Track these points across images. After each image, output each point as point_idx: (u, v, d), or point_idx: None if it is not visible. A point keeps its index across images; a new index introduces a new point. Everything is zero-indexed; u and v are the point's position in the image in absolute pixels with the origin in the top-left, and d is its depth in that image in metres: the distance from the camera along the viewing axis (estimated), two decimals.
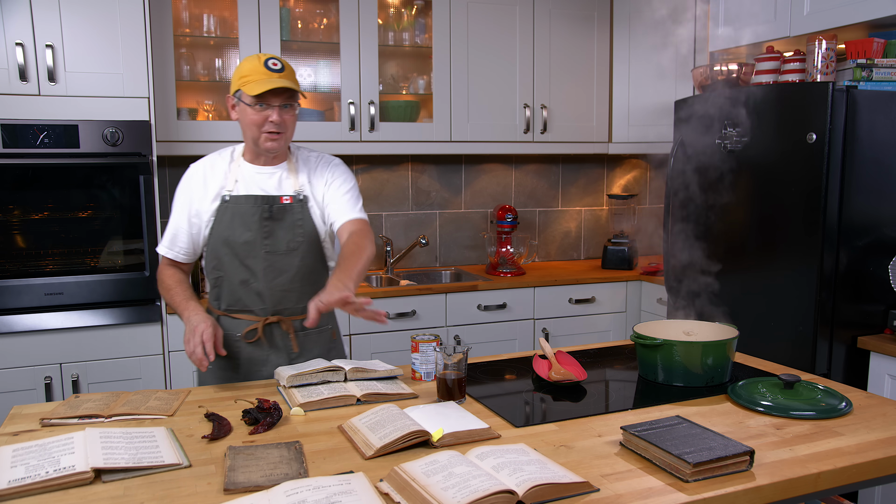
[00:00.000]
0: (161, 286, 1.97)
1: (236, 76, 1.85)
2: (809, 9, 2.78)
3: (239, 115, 1.88)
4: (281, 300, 1.94)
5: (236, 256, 1.91)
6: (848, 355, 2.53)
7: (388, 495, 1.17)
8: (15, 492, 1.18)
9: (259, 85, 1.79)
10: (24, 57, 2.54)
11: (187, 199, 1.93)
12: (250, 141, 1.90)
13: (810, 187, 2.48)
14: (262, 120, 1.83)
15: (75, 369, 2.69)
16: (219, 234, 1.91)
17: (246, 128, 1.87)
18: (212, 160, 1.96)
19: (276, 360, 1.97)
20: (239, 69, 1.85)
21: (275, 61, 1.83)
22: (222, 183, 1.92)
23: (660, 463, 1.29)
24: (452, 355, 1.64)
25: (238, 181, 1.92)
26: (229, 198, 1.90)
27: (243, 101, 1.84)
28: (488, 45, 3.48)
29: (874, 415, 1.55)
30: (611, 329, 3.58)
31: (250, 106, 1.83)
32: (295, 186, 1.94)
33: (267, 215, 1.90)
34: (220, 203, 1.90)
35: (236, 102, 1.87)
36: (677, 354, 1.75)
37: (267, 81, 1.79)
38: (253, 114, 1.83)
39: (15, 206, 2.64)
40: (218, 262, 1.93)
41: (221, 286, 1.95)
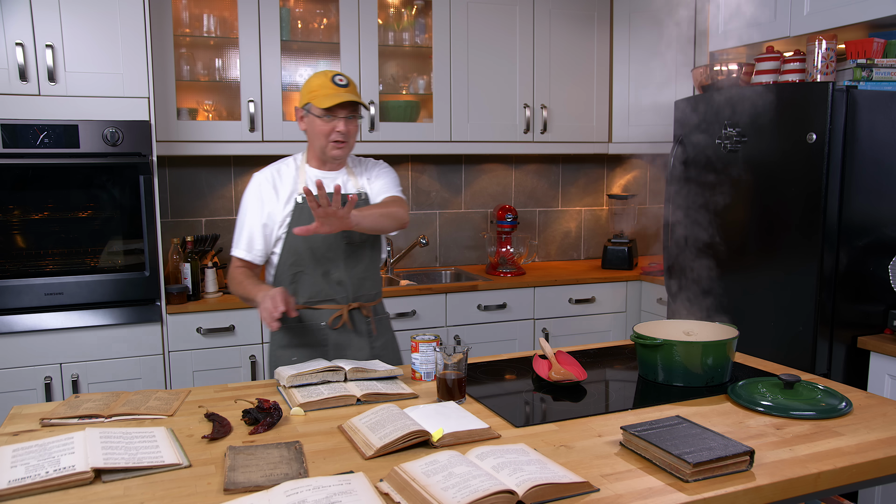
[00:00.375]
0: (234, 283, 2.09)
1: (305, 91, 2.04)
2: (809, 9, 2.78)
3: (307, 126, 2.08)
4: (359, 287, 2.13)
5: (316, 251, 2.06)
6: (848, 355, 2.53)
7: (388, 495, 1.17)
8: (15, 492, 1.18)
9: (328, 99, 1.98)
10: (24, 57, 2.54)
11: (259, 205, 2.07)
12: (318, 149, 2.08)
13: (810, 187, 2.48)
14: (329, 130, 2.02)
15: (75, 369, 2.69)
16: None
17: (314, 137, 2.06)
18: (277, 168, 2.12)
19: (358, 343, 2.13)
20: (308, 84, 2.04)
21: (341, 77, 2.03)
22: (292, 187, 2.08)
23: (660, 463, 1.29)
24: (452, 355, 1.64)
25: (308, 184, 2.07)
26: (302, 200, 2.06)
27: (312, 113, 2.03)
28: (488, 45, 3.48)
29: (874, 415, 1.55)
30: (611, 329, 3.58)
31: (319, 118, 2.02)
32: (357, 186, 2.16)
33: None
34: (294, 206, 2.06)
35: (305, 114, 2.06)
36: (677, 354, 1.75)
37: (335, 96, 1.98)
38: (321, 125, 2.02)
39: (15, 206, 2.64)
40: (297, 258, 2.07)
41: (300, 281, 2.09)
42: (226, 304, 2.91)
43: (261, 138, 3.14)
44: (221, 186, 3.44)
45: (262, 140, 3.14)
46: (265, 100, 3.12)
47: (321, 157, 2.09)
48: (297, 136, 3.21)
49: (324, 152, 2.07)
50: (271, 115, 3.14)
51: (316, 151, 2.10)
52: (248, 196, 2.09)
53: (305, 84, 2.06)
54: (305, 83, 2.06)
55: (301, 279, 2.09)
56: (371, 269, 2.16)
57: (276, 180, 2.08)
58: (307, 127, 2.07)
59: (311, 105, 2.02)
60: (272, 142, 3.16)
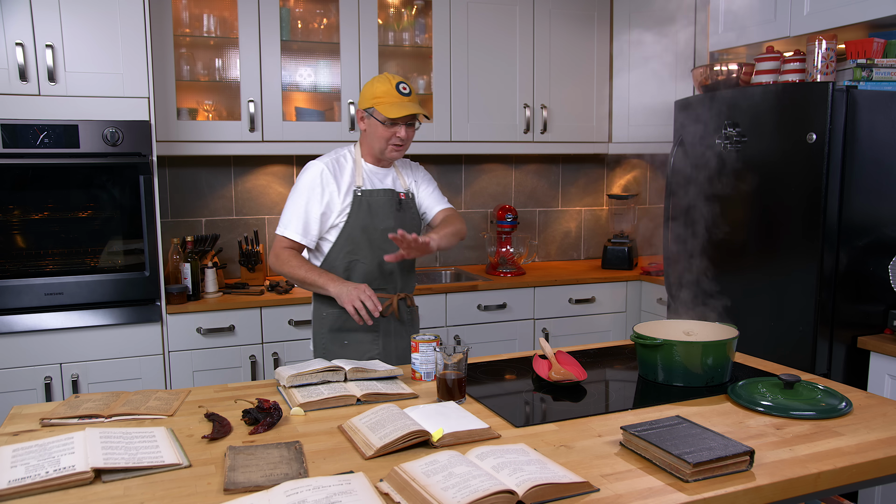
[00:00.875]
0: (284, 263, 2.15)
1: (369, 95, 2.13)
2: (809, 9, 2.78)
3: (367, 128, 2.17)
4: (406, 279, 2.30)
5: (374, 242, 2.18)
6: (848, 355, 2.53)
7: (388, 495, 1.17)
8: (15, 492, 1.18)
9: (395, 109, 2.08)
10: (24, 57, 2.54)
11: (320, 191, 2.15)
12: (376, 150, 2.19)
13: (810, 187, 2.48)
14: (391, 136, 2.14)
15: (75, 369, 2.69)
16: (357, 223, 2.17)
17: (374, 140, 2.16)
18: (335, 159, 2.20)
19: (401, 331, 2.27)
20: (371, 89, 2.13)
21: (404, 85, 2.13)
22: (351, 179, 2.19)
23: (660, 463, 1.29)
24: (452, 355, 1.64)
25: (364, 178, 2.20)
26: (361, 192, 2.17)
27: (375, 118, 2.13)
28: (488, 45, 3.48)
29: (874, 415, 1.55)
30: (611, 329, 3.58)
31: (382, 123, 2.12)
32: (404, 185, 2.29)
33: (398, 207, 2.23)
34: (353, 197, 2.16)
35: (367, 117, 2.15)
36: (677, 354, 1.75)
37: (401, 106, 2.09)
38: (384, 130, 2.13)
39: (15, 206, 2.64)
40: (354, 247, 2.19)
41: (354, 269, 2.20)
42: (226, 304, 2.91)
43: (261, 138, 3.14)
44: (221, 186, 3.44)
45: (262, 140, 3.14)
46: (265, 100, 3.12)
47: (377, 156, 2.21)
48: (297, 136, 3.21)
49: (382, 153, 2.18)
50: (271, 115, 3.14)
51: (372, 151, 2.20)
52: (307, 182, 2.15)
53: (368, 87, 2.14)
54: (369, 86, 2.14)
55: (355, 267, 2.20)
56: (412, 265, 2.32)
57: (336, 171, 2.17)
58: (367, 128, 2.17)
59: (375, 110, 2.12)
60: (272, 142, 3.16)
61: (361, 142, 2.25)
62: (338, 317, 2.20)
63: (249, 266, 3.27)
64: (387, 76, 2.14)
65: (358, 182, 2.19)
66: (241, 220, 3.48)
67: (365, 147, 2.23)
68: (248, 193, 3.48)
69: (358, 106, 2.20)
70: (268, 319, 2.97)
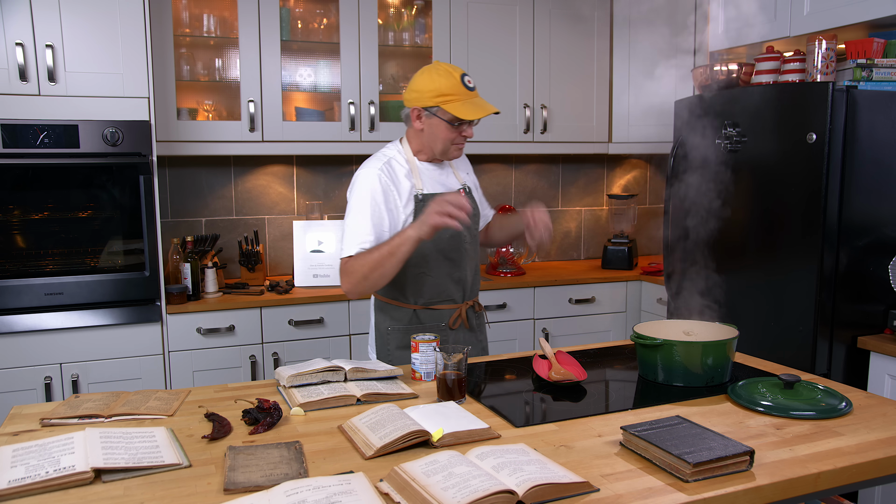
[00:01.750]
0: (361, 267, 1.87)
1: (432, 91, 1.90)
2: (809, 9, 2.78)
3: (426, 127, 1.97)
4: (473, 285, 2.14)
5: (441, 250, 2.02)
6: (848, 355, 2.53)
7: (388, 495, 1.17)
8: (15, 492, 1.18)
9: (468, 109, 1.89)
10: (24, 57, 2.54)
11: (382, 201, 1.94)
12: (436, 150, 2.00)
13: (810, 187, 2.48)
14: (456, 136, 1.96)
15: (75, 369, 2.69)
16: None
17: (434, 140, 1.97)
18: (386, 163, 2.00)
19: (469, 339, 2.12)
20: (434, 84, 1.90)
21: (469, 77, 1.93)
22: (409, 182, 2.00)
23: (660, 463, 1.29)
24: (452, 355, 1.64)
25: (422, 180, 2.02)
26: (422, 196, 1.99)
27: (439, 117, 1.93)
28: (488, 45, 3.48)
29: (874, 415, 1.55)
30: (611, 329, 3.58)
31: (448, 122, 1.92)
32: (460, 180, 2.12)
33: None
34: (414, 203, 1.98)
35: (427, 116, 1.95)
36: (677, 354, 1.75)
37: (474, 106, 1.90)
38: (448, 131, 1.94)
39: (15, 206, 2.64)
40: (421, 259, 1.99)
41: (423, 282, 2.03)
42: (226, 304, 2.91)
43: (261, 138, 3.14)
44: (221, 186, 3.44)
45: (262, 140, 3.14)
46: (265, 100, 3.12)
47: (436, 155, 2.03)
48: (297, 136, 3.21)
49: (444, 154, 2.01)
50: (271, 115, 3.14)
51: (429, 149, 2.01)
52: (368, 193, 1.93)
53: (428, 82, 1.91)
54: (428, 81, 1.92)
55: (424, 280, 2.03)
56: (479, 265, 2.19)
57: (393, 177, 1.97)
58: (426, 127, 1.96)
59: (441, 109, 1.91)
60: (272, 142, 3.16)
61: (410, 139, 2.04)
62: (404, 333, 2.05)
63: (249, 266, 3.27)
64: (447, 69, 1.91)
65: (417, 185, 1.99)
66: (241, 220, 3.48)
67: (417, 144, 2.02)
68: (248, 193, 3.48)
69: (411, 102, 1.96)
70: (268, 319, 2.97)
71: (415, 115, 1.97)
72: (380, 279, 1.89)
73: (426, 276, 2.03)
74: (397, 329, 2.07)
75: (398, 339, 2.09)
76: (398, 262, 1.86)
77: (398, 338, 2.08)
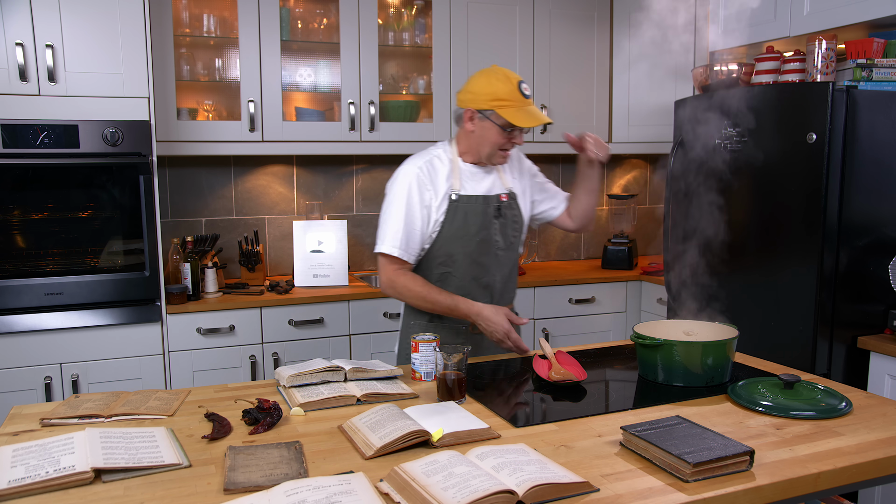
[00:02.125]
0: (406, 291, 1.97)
1: (487, 95, 1.92)
2: (809, 9, 2.78)
3: (477, 129, 1.97)
4: (503, 291, 2.11)
5: (469, 254, 2.02)
6: (848, 355, 2.53)
7: (388, 495, 1.17)
8: (15, 492, 1.18)
9: (523, 116, 1.90)
10: (24, 57, 2.54)
11: (418, 200, 1.97)
12: (483, 154, 2.00)
13: (810, 187, 2.48)
14: (506, 141, 1.96)
15: (75, 369, 2.69)
16: (451, 233, 2.00)
17: (483, 143, 1.97)
18: (429, 161, 2.01)
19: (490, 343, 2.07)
20: (490, 88, 1.92)
21: (526, 85, 1.94)
22: (448, 183, 2.00)
23: (660, 463, 1.29)
24: (452, 355, 1.64)
25: (461, 181, 2.01)
26: (457, 197, 1.99)
27: (492, 121, 1.93)
28: (488, 45, 3.48)
29: (874, 415, 1.55)
30: (611, 329, 3.58)
31: (500, 127, 1.93)
32: (505, 184, 2.08)
33: (496, 213, 2.03)
34: (448, 203, 1.98)
35: (480, 119, 1.95)
36: (677, 354, 1.75)
37: (529, 114, 1.91)
38: (499, 136, 1.94)
39: (15, 206, 2.64)
40: (448, 258, 2.02)
41: (448, 281, 2.03)
42: (226, 304, 2.91)
43: (261, 138, 3.14)
44: (221, 186, 3.44)
45: (262, 140, 3.14)
46: (265, 100, 3.12)
47: (482, 159, 2.02)
48: (297, 136, 3.21)
49: (490, 158, 2.00)
50: (271, 115, 3.14)
51: (476, 152, 2.01)
52: (404, 191, 1.97)
53: (486, 85, 1.93)
54: (485, 84, 1.94)
55: (448, 279, 2.03)
56: (514, 272, 2.15)
57: (432, 176, 1.99)
58: (477, 129, 1.97)
59: (495, 114, 1.91)
60: (272, 142, 3.16)
61: (459, 139, 2.04)
62: (425, 329, 2.07)
63: (249, 266, 3.27)
64: (506, 74, 1.93)
65: (455, 186, 1.99)
66: (241, 220, 3.48)
67: (464, 146, 2.02)
68: (248, 193, 3.48)
69: (465, 103, 1.97)
70: (268, 319, 2.97)
71: (467, 116, 1.97)
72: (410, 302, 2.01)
73: (451, 276, 2.03)
74: (419, 324, 2.09)
75: (417, 329, 2.10)
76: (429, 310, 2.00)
77: (417, 328, 2.10)
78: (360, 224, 3.70)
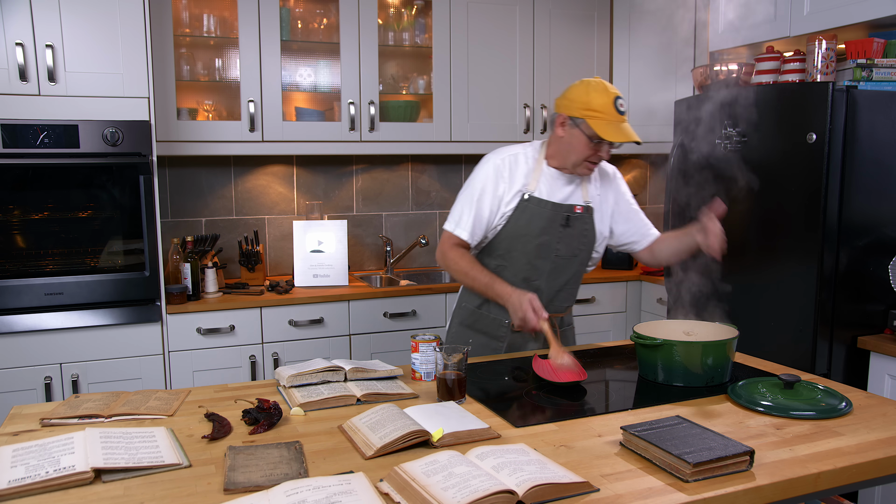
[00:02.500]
0: (454, 263, 2.04)
1: (581, 103, 1.93)
2: (809, 9, 2.78)
3: (567, 136, 1.98)
4: (554, 299, 2.12)
5: (526, 254, 2.05)
6: (848, 355, 2.53)
7: (388, 495, 1.17)
8: (15, 492, 1.18)
9: (613, 130, 1.90)
10: (24, 57, 2.54)
11: (493, 189, 2.02)
12: (568, 162, 2.01)
13: (810, 187, 2.48)
14: (592, 153, 1.97)
15: (75, 369, 2.69)
16: (514, 230, 2.03)
17: (570, 151, 1.98)
18: (514, 156, 2.06)
19: (534, 347, 2.14)
20: (586, 98, 1.92)
21: (622, 101, 1.93)
22: (525, 181, 2.03)
23: (660, 463, 1.29)
24: (452, 355, 1.64)
25: (539, 183, 2.03)
26: (529, 198, 2.02)
27: (581, 130, 1.94)
28: (488, 45, 3.48)
29: (874, 415, 1.55)
30: (611, 329, 3.58)
31: (588, 138, 1.94)
32: (585, 196, 2.08)
33: (563, 223, 2.04)
34: (519, 201, 2.02)
35: (571, 126, 1.97)
36: (677, 354, 1.75)
37: (619, 129, 1.91)
38: (586, 146, 1.95)
39: (15, 206, 2.64)
40: (506, 253, 2.06)
41: (500, 276, 2.06)
42: (226, 304, 2.91)
43: (261, 138, 3.14)
44: (221, 186, 3.44)
45: (262, 140, 3.14)
46: (265, 100, 3.12)
47: (567, 167, 2.03)
48: (297, 136, 3.21)
49: (574, 167, 2.01)
50: (271, 115, 3.14)
51: (562, 158, 2.02)
52: (483, 179, 2.02)
53: (583, 94, 1.94)
54: (583, 93, 1.94)
55: (501, 273, 2.07)
56: (572, 282, 2.14)
57: (512, 171, 2.03)
58: (566, 136, 1.98)
59: (585, 123, 1.92)
60: (272, 142, 3.16)
61: (550, 142, 2.06)
62: (471, 314, 2.16)
63: (249, 266, 3.27)
64: (605, 86, 1.93)
65: (531, 186, 2.01)
66: (241, 220, 3.48)
67: (553, 150, 2.04)
68: (248, 193, 3.48)
69: (560, 108, 1.99)
70: (268, 319, 2.97)
71: (560, 120, 2.00)
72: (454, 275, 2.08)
73: (505, 270, 2.07)
74: (465, 308, 2.18)
75: (462, 316, 2.19)
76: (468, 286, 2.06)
77: (463, 315, 2.19)
78: (360, 224, 3.70)
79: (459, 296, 2.25)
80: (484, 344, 2.14)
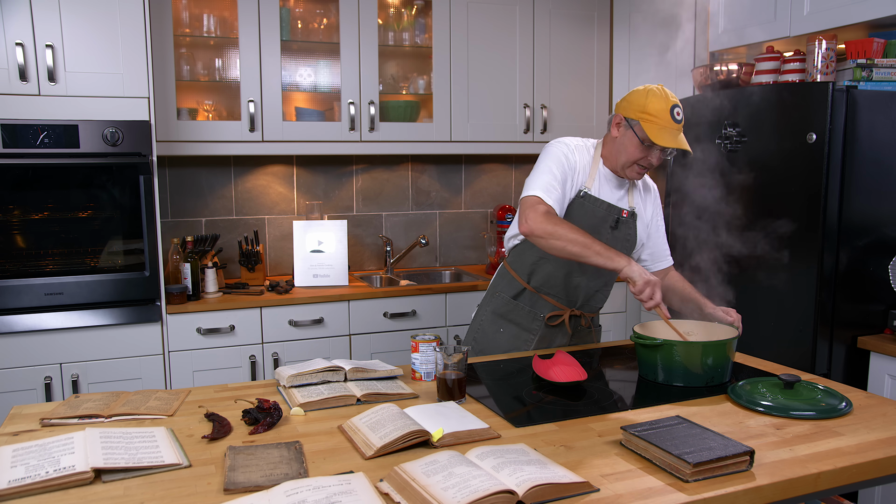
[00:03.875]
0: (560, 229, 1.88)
1: (639, 106, 1.94)
2: (809, 9, 2.78)
3: (620, 136, 2.00)
4: (590, 298, 2.15)
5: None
6: (848, 355, 2.53)
7: (388, 495, 1.17)
8: (15, 492, 1.18)
9: (666, 136, 1.89)
10: (24, 57, 2.54)
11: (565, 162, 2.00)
12: (617, 164, 2.03)
13: (810, 187, 2.48)
14: (642, 157, 1.97)
15: (75, 369, 2.69)
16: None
17: (621, 153, 2.00)
18: (581, 146, 2.06)
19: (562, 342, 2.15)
20: (644, 101, 1.93)
21: (679, 110, 1.94)
22: (584, 175, 2.05)
23: (660, 463, 1.29)
24: (452, 355, 1.64)
25: (595, 181, 2.06)
26: (585, 195, 2.03)
27: (635, 132, 1.95)
28: (488, 45, 3.48)
29: (874, 415, 1.55)
30: (611, 329, 3.58)
31: (641, 141, 1.95)
32: (631, 202, 2.11)
33: (613, 224, 2.06)
34: (576, 195, 2.03)
35: (626, 127, 1.98)
36: (677, 354, 1.75)
37: (672, 136, 1.90)
38: (637, 149, 1.96)
39: (15, 206, 2.64)
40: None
41: (541, 268, 2.08)
42: (226, 304, 2.91)
43: (261, 138, 3.14)
44: (221, 186, 3.44)
45: (262, 140, 3.14)
46: (265, 100, 3.13)
47: (616, 169, 2.05)
48: (298, 136, 3.21)
49: (622, 169, 2.02)
50: (271, 115, 3.14)
51: (614, 159, 2.04)
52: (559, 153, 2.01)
53: (641, 97, 1.94)
54: (641, 96, 1.95)
55: (542, 266, 2.08)
56: (609, 285, 2.17)
57: (579, 157, 2.03)
58: (620, 136, 2.00)
59: (640, 126, 1.93)
60: (272, 142, 3.16)
61: (605, 142, 2.08)
62: (506, 303, 2.15)
63: (249, 266, 3.27)
64: (665, 93, 1.94)
65: (588, 183, 2.04)
66: (241, 220, 3.48)
67: (607, 150, 2.06)
68: (248, 193, 3.48)
69: (618, 109, 2.01)
70: (268, 319, 2.97)
71: (615, 121, 2.01)
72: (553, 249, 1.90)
73: (547, 263, 2.08)
74: (501, 297, 2.16)
75: (496, 304, 2.17)
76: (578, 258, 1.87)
77: (496, 304, 2.16)
78: (360, 224, 3.70)
79: (493, 284, 2.23)
80: (515, 335, 2.14)
